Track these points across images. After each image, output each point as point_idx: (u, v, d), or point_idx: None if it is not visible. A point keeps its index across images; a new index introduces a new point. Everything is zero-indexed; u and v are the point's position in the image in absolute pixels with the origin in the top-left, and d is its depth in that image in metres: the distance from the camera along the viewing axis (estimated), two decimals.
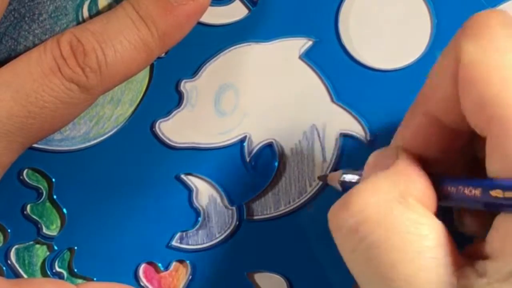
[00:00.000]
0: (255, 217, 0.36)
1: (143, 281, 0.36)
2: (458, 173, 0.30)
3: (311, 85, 0.35)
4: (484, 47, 0.26)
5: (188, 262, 0.36)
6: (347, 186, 0.33)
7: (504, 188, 0.25)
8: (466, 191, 0.27)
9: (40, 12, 0.33)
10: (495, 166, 0.25)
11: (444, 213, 0.29)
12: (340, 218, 0.27)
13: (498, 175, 0.25)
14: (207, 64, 0.35)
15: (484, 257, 0.26)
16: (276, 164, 0.36)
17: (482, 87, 0.25)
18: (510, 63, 0.25)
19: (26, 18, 0.33)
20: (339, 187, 0.33)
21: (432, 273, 0.25)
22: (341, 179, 0.33)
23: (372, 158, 0.30)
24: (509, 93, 0.25)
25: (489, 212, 0.26)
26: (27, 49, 0.33)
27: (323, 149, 0.36)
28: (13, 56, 0.32)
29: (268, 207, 0.36)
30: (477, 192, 0.26)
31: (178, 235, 0.36)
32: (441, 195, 0.28)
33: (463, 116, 0.27)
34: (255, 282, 0.36)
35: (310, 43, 0.35)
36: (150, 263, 0.36)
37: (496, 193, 0.25)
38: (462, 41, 0.27)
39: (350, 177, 0.33)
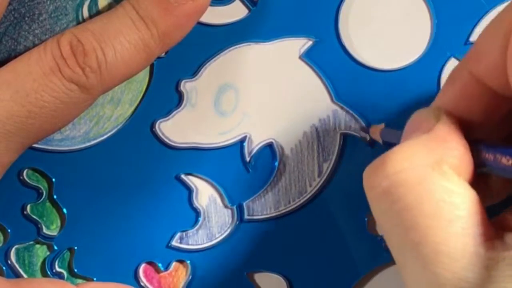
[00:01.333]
0: (255, 217, 0.36)
1: (143, 281, 0.36)
2: (498, 141, 0.30)
3: (311, 85, 0.35)
4: None
5: (188, 262, 0.36)
6: (386, 141, 0.33)
7: None
8: (504, 160, 0.26)
9: (40, 12, 0.33)
10: None
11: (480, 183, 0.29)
12: (375, 179, 0.27)
13: None
14: (207, 64, 0.35)
15: None
16: (276, 164, 0.36)
17: None
18: None
19: (26, 18, 0.33)
20: (379, 139, 0.33)
21: (460, 242, 0.25)
22: (382, 131, 0.33)
23: (414, 117, 0.30)
24: None
25: None
26: (27, 49, 0.33)
27: (323, 149, 0.36)
28: (13, 56, 0.32)
29: (268, 207, 0.36)
30: None
31: (178, 235, 0.36)
32: (478, 161, 0.28)
33: (510, 85, 0.27)
34: (255, 282, 0.36)
35: (310, 43, 0.35)
36: (150, 263, 0.36)
37: None
38: None
39: (391, 132, 0.33)
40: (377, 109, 0.35)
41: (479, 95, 0.29)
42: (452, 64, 0.36)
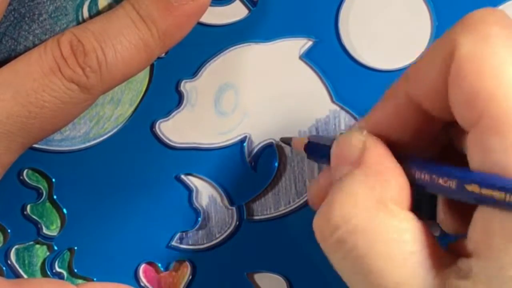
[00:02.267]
0: (255, 217, 0.36)
1: (143, 281, 0.36)
2: (428, 158, 0.30)
3: (311, 85, 0.35)
4: (480, 43, 0.26)
5: (188, 262, 0.36)
6: (311, 151, 0.33)
7: (481, 184, 0.25)
8: (441, 181, 0.26)
9: (40, 12, 0.33)
10: (476, 160, 0.25)
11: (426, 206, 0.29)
12: (325, 231, 0.27)
13: (477, 168, 0.25)
14: (207, 64, 0.35)
15: (468, 254, 0.26)
16: (276, 164, 0.36)
17: (474, 81, 0.25)
18: (505, 62, 0.25)
19: (26, 18, 0.33)
20: (303, 153, 0.33)
21: (419, 278, 0.26)
22: (307, 143, 0.33)
23: (338, 146, 0.30)
24: (501, 90, 0.25)
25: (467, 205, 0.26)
26: (27, 49, 0.33)
27: None
28: (13, 56, 0.32)
29: (268, 207, 0.36)
30: (452, 183, 0.26)
31: (178, 235, 0.36)
32: (414, 180, 0.28)
33: (447, 107, 0.27)
34: (255, 282, 0.36)
35: (310, 43, 0.35)
36: (150, 263, 0.36)
37: (473, 188, 0.25)
38: (459, 34, 0.26)
39: (317, 145, 0.32)
40: None
41: (413, 116, 0.29)
42: None
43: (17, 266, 0.36)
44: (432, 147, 0.30)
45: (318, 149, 0.32)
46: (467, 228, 0.26)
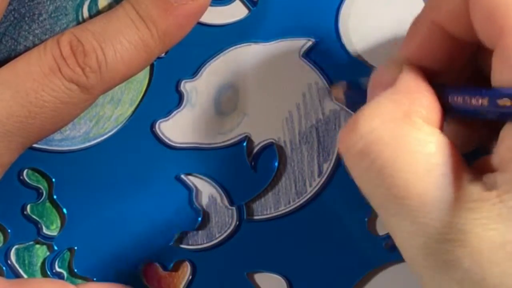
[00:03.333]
0: (255, 217, 0.36)
1: (143, 281, 0.36)
2: (463, 84, 0.30)
3: (311, 85, 0.35)
4: None
5: (188, 262, 0.36)
6: (350, 99, 0.33)
7: None
8: (473, 101, 0.26)
9: (40, 12, 0.33)
10: (503, 75, 0.25)
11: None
12: (349, 141, 0.27)
13: (506, 84, 0.25)
14: (207, 64, 0.35)
15: (493, 169, 0.26)
16: (276, 164, 0.36)
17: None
18: None
19: (26, 18, 0.33)
20: (343, 100, 0.33)
21: (443, 190, 0.26)
22: (346, 88, 0.33)
23: (376, 73, 0.30)
24: None
25: (495, 125, 0.26)
26: (27, 49, 0.33)
27: (323, 149, 0.36)
28: (13, 56, 0.32)
29: (268, 207, 0.36)
30: (484, 101, 0.26)
31: (178, 235, 0.36)
32: (447, 107, 0.28)
33: (471, 27, 0.27)
34: (255, 282, 0.36)
35: (310, 43, 0.35)
36: (150, 263, 0.36)
37: (504, 101, 0.25)
38: None
39: (355, 92, 0.33)
40: None
41: (442, 43, 0.29)
42: None
43: (17, 266, 0.36)
44: (463, 74, 0.30)
45: (357, 92, 0.32)
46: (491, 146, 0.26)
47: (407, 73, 0.28)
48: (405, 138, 0.26)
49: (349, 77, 0.35)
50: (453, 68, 0.30)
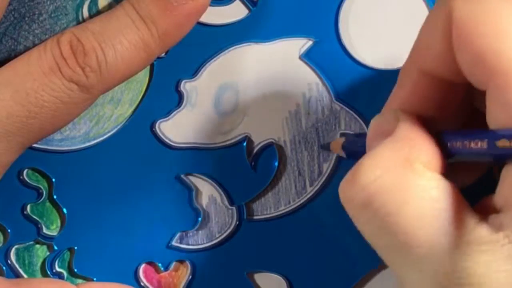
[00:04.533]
0: (255, 217, 0.36)
1: (143, 281, 0.36)
2: (459, 128, 0.30)
3: (311, 85, 0.35)
4: (475, 2, 0.26)
5: (188, 262, 0.36)
6: (349, 152, 0.33)
7: (511, 137, 0.25)
8: (472, 145, 0.26)
9: (40, 12, 0.33)
10: (499, 116, 0.25)
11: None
12: (351, 192, 0.27)
13: (502, 125, 0.25)
14: (207, 64, 0.35)
15: (497, 210, 0.26)
16: (276, 164, 0.36)
17: (478, 42, 0.25)
18: (503, 15, 0.25)
19: (26, 18, 0.33)
20: (343, 154, 0.33)
21: (450, 235, 0.26)
22: (344, 144, 0.33)
23: (374, 123, 0.30)
24: (506, 44, 0.25)
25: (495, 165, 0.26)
26: (27, 49, 0.33)
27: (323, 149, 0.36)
28: (13, 56, 0.32)
29: (268, 207, 0.36)
30: (483, 144, 0.26)
31: (178, 235, 0.36)
32: (447, 152, 0.28)
33: (459, 70, 0.27)
34: (255, 282, 0.36)
35: (310, 43, 0.35)
36: (150, 263, 0.36)
37: (503, 143, 0.25)
38: None
39: (354, 143, 0.33)
40: (377, 109, 0.35)
41: (432, 88, 0.29)
42: None
43: (17, 266, 0.36)
44: (459, 117, 0.30)
45: (355, 144, 0.32)
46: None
47: (404, 121, 0.28)
48: (408, 186, 0.26)
49: (349, 77, 0.35)
50: (449, 110, 0.29)
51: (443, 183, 0.27)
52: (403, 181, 0.26)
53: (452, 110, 0.29)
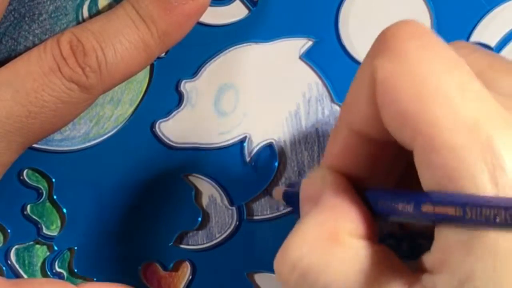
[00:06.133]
0: (255, 217, 0.36)
1: (143, 281, 0.36)
2: (393, 185, 0.29)
3: (311, 85, 0.35)
4: (396, 62, 0.25)
5: (188, 262, 0.36)
6: (289, 200, 0.32)
7: (434, 202, 0.24)
8: (400, 207, 0.26)
9: (40, 12, 0.33)
10: (425, 178, 0.25)
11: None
12: (284, 270, 0.27)
13: (428, 187, 0.25)
14: (207, 64, 0.35)
15: (430, 271, 0.25)
16: (276, 164, 0.36)
17: (400, 103, 0.25)
18: (423, 75, 0.25)
19: (26, 18, 0.33)
20: (283, 202, 0.33)
21: None
22: (283, 192, 0.32)
23: (302, 188, 0.29)
24: (426, 105, 0.24)
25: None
26: (27, 49, 0.33)
27: (323, 149, 0.36)
28: (13, 56, 0.32)
29: (268, 207, 0.36)
30: (409, 208, 0.25)
31: (178, 235, 0.36)
32: (376, 213, 0.27)
33: (386, 131, 0.26)
34: (255, 282, 0.36)
35: (310, 43, 0.35)
36: (150, 263, 0.36)
37: (427, 208, 0.24)
38: (375, 57, 0.26)
39: (292, 194, 0.32)
40: None
41: (362, 148, 0.28)
42: None
43: (17, 266, 0.36)
44: (395, 174, 0.29)
45: (294, 196, 0.32)
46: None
47: (330, 186, 0.28)
48: (334, 261, 0.26)
49: (349, 77, 0.35)
50: (383, 167, 0.29)
51: (371, 250, 0.26)
52: (329, 257, 0.26)
53: (386, 167, 0.29)
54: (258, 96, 0.35)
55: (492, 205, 0.23)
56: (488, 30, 0.36)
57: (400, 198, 0.26)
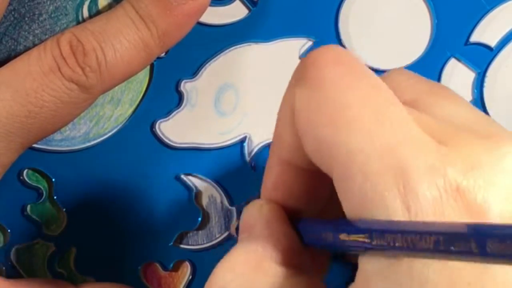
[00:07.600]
0: None
1: (143, 281, 0.36)
2: (333, 214, 0.28)
3: None
4: (314, 90, 0.25)
5: (188, 262, 0.36)
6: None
7: (348, 231, 0.24)
8: (323, 236, 0.26)
9: (40, 12, 0.33)
10: (344, 206, 0.24)
11: None
12: None
13: (348, 215, 0.24)
14: (207, 64, 0.35)
15: None
16: None
17: (316, 133, 0.25)
18: (339, 103, 0.24)
19: (26, 18, 0.33)
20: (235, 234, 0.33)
21: None
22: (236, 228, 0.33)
23: (242, 217, 0.29)
24: (342, 134, 0.24)
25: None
26: (27, 49, 0.33)
27: None
28: (13, 56, 0.32)
29: None
30: (330, 236, 0.25)
31: (178, 235, 0.36)
32: (307, 242, 0.27)
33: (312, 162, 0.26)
34: None
35: (310, 43, 0.35)
36: (150, 263, 0.36)
37: (343, 236, 0.24)
38: (295, 85, 0.26)
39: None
40: None
41: (294, 178, 0.28)
42: (452, 64, 0.36)
43: (17, 266, 0.36)
44: (331, 203, 0.28)
45: None
46: None
47: (265, 217, 0.28)
48: (256, 287, 0.26)
49: None
50: (316, 196, 0.28)
51: (299, 279, 0.26)
52: (251, 284, 0.26)
53: (321, 196, 0.29)
54: (258, 96, 0.35)
55: (394, 230, 0.22)
56: (488, 30, 0.36)
57: (323, 228, 0.26)
